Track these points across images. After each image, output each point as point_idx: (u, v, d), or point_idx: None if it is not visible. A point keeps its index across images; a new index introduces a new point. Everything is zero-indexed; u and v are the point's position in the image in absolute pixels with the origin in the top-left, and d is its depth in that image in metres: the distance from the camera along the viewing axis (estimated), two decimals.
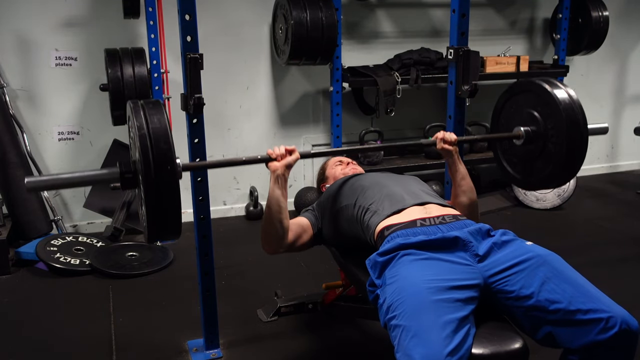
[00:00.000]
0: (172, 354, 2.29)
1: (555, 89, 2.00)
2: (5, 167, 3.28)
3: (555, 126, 1.99)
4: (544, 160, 2.07)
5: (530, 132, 2.07)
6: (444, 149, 2.06)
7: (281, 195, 1.85)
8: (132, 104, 1.61)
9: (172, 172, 1.52)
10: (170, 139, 1.54)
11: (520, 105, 2.14)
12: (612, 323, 1.39)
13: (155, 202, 1.51)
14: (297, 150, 1.89)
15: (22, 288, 2.92)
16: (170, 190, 1.53)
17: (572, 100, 1.97)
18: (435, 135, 2.09)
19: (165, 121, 1.56)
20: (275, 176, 1.86)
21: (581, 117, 1.97)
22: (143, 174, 1.50)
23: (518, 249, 1.59)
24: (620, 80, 4.95)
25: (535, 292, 1.47)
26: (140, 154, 1.49)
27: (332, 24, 3.45)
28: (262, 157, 1.89)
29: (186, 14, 1.92)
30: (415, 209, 1.78)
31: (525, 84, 2.16)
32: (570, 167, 2.04)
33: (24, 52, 3.41)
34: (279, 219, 1.87)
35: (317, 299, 2.47)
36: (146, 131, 1.51)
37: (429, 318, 1.36)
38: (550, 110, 1.99)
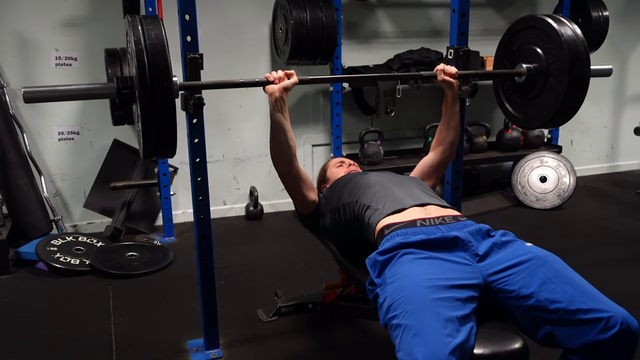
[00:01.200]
0: (172, 354, 2.29)
1: (559, 23, 1.97)
2: (5, 167, 3.28)
3: (557, 61, 1.96)
4: (544, 97, 2.04)
5: (532, 69, 2.06)
6: (444, 81, 2.10)
7: (282, 117, 1.89)
8: (130, 17, 1.60)
9: (168, 88, 1.52)
10: (168, 55, 1.53)
11: (523, 43, 2.12)
12: (612, 323, 1.39)
13: (152, 117, 1.51)
14: (295, 75, 1.91)
15: (22, 288, 2.92)
16: (166, 106, 1.52)
17: (576, 35, 1.94)
18: (436, 68, 2.11)
19: (163, 36, 1.55)
20: (274, 99, 1.89)
21: (584, 53, 1.94)
22: (140, 88, 1.49)
23: (518, 250, 1.59)
24: (620, 80, 4.95)
25: (535, 292, 1.47)
26: (137, 69, 1.48)
27: (332, 24, 3.46)
28: (260, 80, 1.92)
29: (186, 14, 1.92)
30: (415, 209, 1.78)
31: (528, 19, 2.14)
32: (570, 104, 2.01)
33: (24, 52, 3.41)
34: (285, 140, 1.91)
35: (317, 299, 2.47)
36: (143, 46, 1.50)
37: (430, 317, 1.36)
38: (553, 45, 1.96)
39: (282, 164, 1.96)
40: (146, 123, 1.52)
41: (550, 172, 4.10)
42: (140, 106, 1.50)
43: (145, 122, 1.52)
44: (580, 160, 4.91)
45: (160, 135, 1.57)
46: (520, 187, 4.12)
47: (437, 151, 2.20)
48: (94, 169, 3.61)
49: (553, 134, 4.53)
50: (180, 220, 3.82)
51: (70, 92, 1.72)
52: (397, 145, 4.26)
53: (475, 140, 4.13)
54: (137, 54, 1.50)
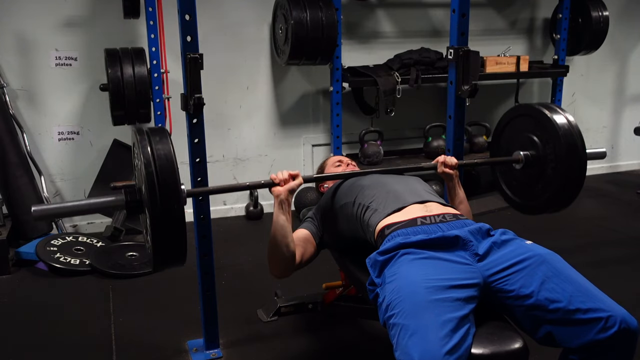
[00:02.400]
0: (172, 354, 2.29)
1: (554, 114, 2.01)
2: (5, 167, 3.28)
3: (554, 151, 2.00)
4: (543, 184, 2.08)
5: (530, 157, 2.09)
6: (444, 173, 2.08)
7: (286, 220, 1.84)
8: (137, 132, 1.61)
9: (178, 206, 1.53)
10: (176, 168, 1.54)
11: (520, 130, 2.15)
12: (611, 322, 1.39)
13: (161, 233, 1.52)
14: (300, 175, 1.88)
15: (22, 288, 2.92)
16: (175, 221, 1.53)
17: (571, 125, 1.99)
18: (436, 159, 2.10)
19: (172, 154, 1.55)
20: (279, 201, 1.84)
21: (580, 143, 1.99)
22: (149, 206, 1.50)
23: (518, 248, 1.59)
24: (620, 80, 4.95)
25: (535, 291, 1.47)
26: (147, 188, 1.50)
27: (332, 24, 3.45)
28: (265, 182, 1.88)
29: (186, 14, 1.92)
30: (415, 207, 1.78)
31: (524, 108, 2.19)
32: (569, 191, 2.05)
33: (24, 52, 3.41)
34: (285, 244, 1.85)
35: (317, 299, 2.48)
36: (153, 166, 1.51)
37: (427, 317, 1.36)
38: (550, 135, 2.01)
39: (282, 267, 1.92)
40: (155, 237, 1.53)
41: None
42: (150, 221, 1.52)
43: (155, 236, 1.53)
44: None
45: (170, 248, 1.58)
46: None
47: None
48: (94, 169, 3.61)
49: None
50: None
51: (80, 208, 1.72)
52: (397, 145, 4.26)
53: (475, 140, 4.13)
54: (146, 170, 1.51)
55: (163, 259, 1.62)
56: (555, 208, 2.13)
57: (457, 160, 2.08)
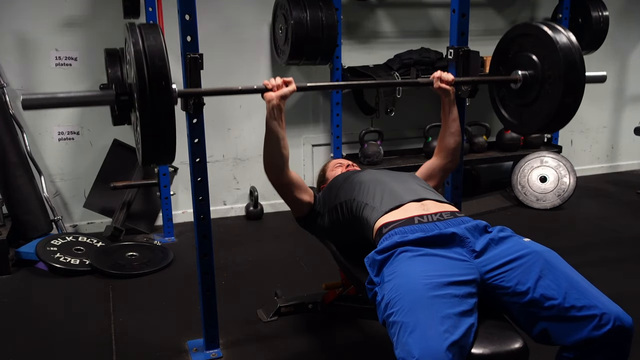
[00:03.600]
0: (172, 354, 2.29)
1: (554, 31, 1.98)
2: (5, 167, 3.28)
3: (552, 67, 1.97)
4: (540, 103, 2.05)
5: (528, 76, 2.07)
6: (441, 88, 2.10)
7: (277, 125, 1.89)
8: (129, 25, 1.60)
9: (167, 93, 1.51)
10: (167, 62, 1.53)
11: (519, 50, 2.13)
12: (605, 320, 1.39)
13: (151, 123, 1.51)
14: (294, 83, 1.91)
15: (22, 288, 2.92)
16: (165, 111, 1.52)
17: (571, 43, 1.96)
18: (432, 75, 2.11)
19: (162, 42, 1.55)
20: (271, 106, 1.89)
21: (579, 60, 1.95)
22: (139, 95, 1.48)
23: (515, 245, 1.59)
24: (620, 80, 4.95)
25: (531, 288, 1.48)
26: (136, 76, 1.48)
27: (332, 24, 3.46)
28: (258, 87, 1.92)
29: (186, 14, 1.92)
30: (412, 205, 1.78)
31: (524, 26, 2.15)
32: (565, 111, 2.02)
33: (24, 52, 3.41)
34: (278, 148, 1.90)
35: (317, 299, 2.48)
36: (142, 49, 1.50)
37: (427, 313, 1.36)
38: (549, 53, 1.97)
39: (274, 171, 1.96)
40: (145, 130, 1.51)
41: (550, 172, 4.10)
42: (139, 113, 1.50)
43: (144, 129, 1.51)
44: (580, 160, 4.92)
45: (159, 142, 1.57)
46: (520, 187, 4.12)
47: (440, 157, 2.19)
48: (94, 169, 3.61)
49: (553, 134, 4.53)
50: (180, 220, 3.82)
51: (69, 100, 1.71)
52: (397, 145, 4.26)
53: (475, 140, 4.13)
54: (136, 61, 1.49)
55: (152, 155, 1.61)
56: (551, 127, 2.12)
57: (453, 77, 2.10)
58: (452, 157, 2.18)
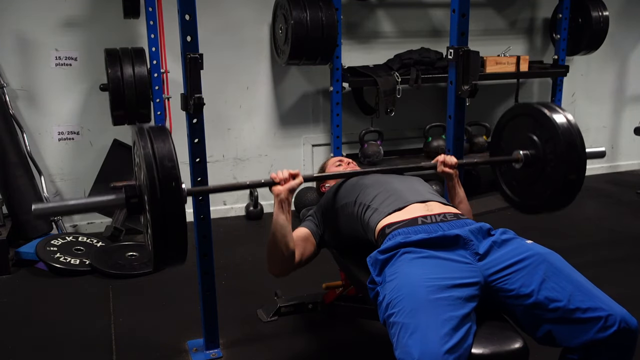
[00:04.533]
0: (172, 354, 2.29)
1: (553, 113, 2.01)
2: (5, 167, 3.28)
3: (554, 150, 2.00)
4: (542, 183, 2.08)
5: (529, 156, 2.08)
6: (444, 172, 2.08)
7: (285, 219, 1.84)
8: (138, 129, 1.60)
9: (178, 198, 1.52)
10: (177, 167, 1.53)
11: (520, 129, 2.15)
12: (611, 322, 1.39)
13: (161, 232, 1.51)
14: (301, 174, 1.87)
15: (22, 288, 2.92)
16: (176, 220, 1.52)
17: (571, 124, 1.99)
18: (435, 159, 2.10)
19: (173, 153, 1.55)
20: (279, 200, 1.84)
21: (579, 142, 1.98)
22: (150, 205, 1.49)
23: (518, 248, 1.59)
24: (620, 80, 4.95)
25: (535, 291, 1.47)
26: (148, 187, 1.48)
27: (332, 23, 3.46)
28: (266, 181, 1.87)
29: (186, 14, 1.92)
30: (416, 206, 1.78)
31: (524, 107, 2.18)
32: (569, 190, 2.04)
33: (24, 52, 3.41)
34: (285, 243, 1.85)
35: (317, 299, 2.48)
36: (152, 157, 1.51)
37: (428, 315, 1.36)
38: (549, 134, 2.01)
39: (282, 267, 1.92)
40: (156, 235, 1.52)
41: None
42: (150, 215, 1.51)
43: (155, 234, 1.52)
44: None
45: (170, 248, 1.57)
46: None
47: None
48: (94, 169, 3.61)
49: None
50: None
51: (80, 207, 1.72)
52: (397, 145, 4.26)
53: (475, 140, 4.13)
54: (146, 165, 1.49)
55: (163, 258, 1.62)
56: (555, 207, 2.13)
57: (456, 160, 2.08)
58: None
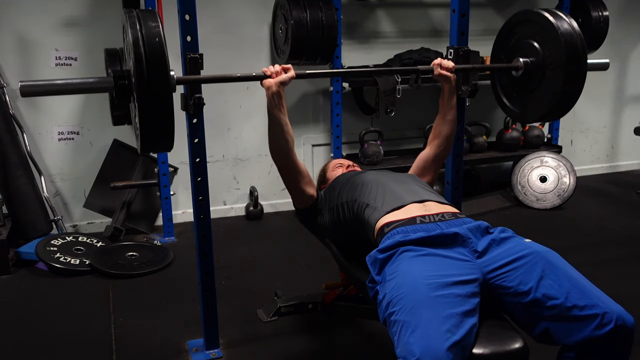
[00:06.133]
0: (172, 354, 2.29)
1: (557, 18, 1.97)
2: (5, 167, 3.28)
3: (553, 54, 1.96)
4: (541, 91, 2.04)
5: (529, 63, 2.06)
6: (441, 75, 2.10)
7: (279, 112, 1.89)
8: (127, 11, 1.59)
9: (165, 79, 1.51)
10: (165, 47, 1.52)
11: (520, 37, 2.12)
12: (607, 319, 1.39)
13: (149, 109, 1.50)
14: (293, 69, 1.91)
15: (22, 288, 2.92)
16: (163, 99, 1.51)
17: (573, 28, 1.95)
18: (432, 62, 2.11)
19: (160, 28, 1.54)
20: (270, 93, 1.89)
21: (581, 46, 1.94)
22: (136, 80, 1.47)
23: (516, 246, 1.60)
24: (620, 80, 4.95)
25: (533, 288, 1.48)
26: (134, 60, 1.47)
27: (332, 23, 3.46)
28: (257, 75, 1.92)
29: (186, 14, 1.92)
30: (414, 206, 1.78)
31: (525, 13, 2.14)
32: (567, 98, 2.01)
33: (24, 52, 3.41)
34: (282, 135, 1.90)
35: (317, 299, 2.47)
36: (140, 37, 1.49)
37: (429, 313, 1.36)
38: (550, 38, 1.96)
39: (280, 156, 1.97)
40: (143, 115, 1.51)
41: (550, 172, 4.10)
42: (137, 98, 1.49)
43: (142, 114, 1.50)
44: (580, 160, 4.92)
45: (157, 128, 1.56)
46: (520, 187, 4.12)
47: (433, 145, 2.20)
48: (94, 169, 3.61)
49: (553, 134, 4.53)
50: (180, 220, 3.82)
51: (68, 86, 1.71)
52: (397, 145, 4.26)
53: (475, 140, 4.13)
54: (133, 45, 1.48)
55: (150, 143, 1.61)
56: (552, 116, 2.11)
57: (453, 64, 2.10)
58: (445, 145, 2.18)
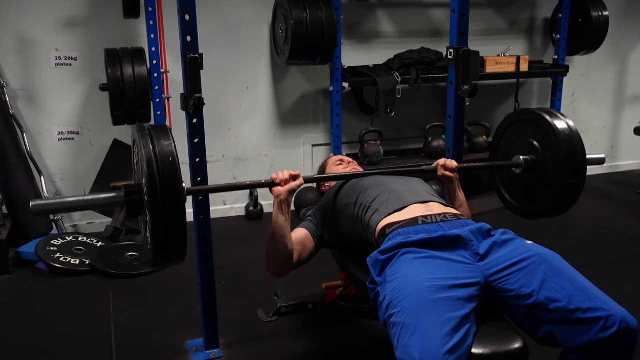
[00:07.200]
0: (172, 354, 2.29)
1: (554, 119, 2.01)
2: (5, 167, 3.28)
3: (554, 156, 2.00)
4: (542, 189, 2.08)
5: (530, 161, 2.09)
6: (444, 176, 2.08)
7: (285, 220, 1.84)
8: (139, 128, 1.60)
9: (178, 197, 1.52)
10: (178, 165, 1.53)
11: (520, 135, 2.16)
12: (611, 322, 1.39)
13: (161, 231, 1.51)
14: (301, 176, 1.88)
15: (22, 288, 2.92)
16: (176, 220, 1.52)
17: (572, 131, 2.00)
18: (436, 162, 2.10)
19: (173, 147, 1.55)
20: (279, 201, 1.85)
21: (580, 148, 1.99)
22: (150, 204, 1.48)
23: (518, 248, 1.59)
24: (620, 80, 4.95)
25: (535, 291, 1.48)
26: (148, 186, 1.48)
27: (332, 23, 3.45)
28: (266, 182, 1.88)
29: (186, 14, 1.92)
30: (417, 206, 1.78)
31: (525, 113, 2.19)
32: (569, 197, 2.05)
33: (24, 52, 3.41)
34: (284, 244, 1.86)
35: (317, 299, 2.48)
36: (153, 156, 1.50)
37: (428, 316, 1.36)
38: (550, 140, 2.01)
39: (281, 267, 1.92)
40: (156, 230, 1.51)
41: None
42: (150, 213, 1.50)
43: (155, 229, 1.51)
44: None
45: (170, 246, 1.57)
46: None
47: None
48: (94, 169, 3.61)
49: None
50: None
51: (79, 204, 1.71)
52: (397, 145, 4.26)
53: (475, 140, 4.13)
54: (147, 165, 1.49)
55: (162, 257, 1.62)
56: (554, 213, 2.13)
57: (457, 164, 2.08)
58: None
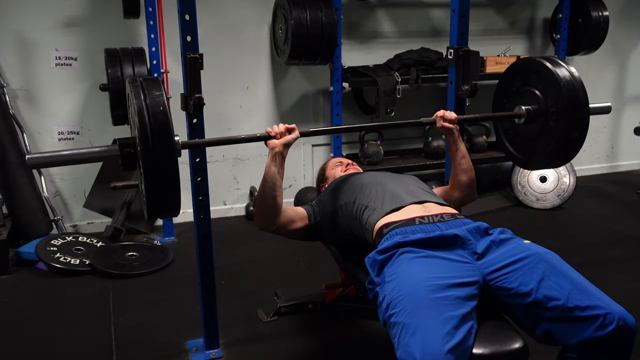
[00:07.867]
0: (172, 354, 2.29)
1: (557, 67, 1.98)
2: (5, 167, 3.28)
3: (556, 104, 1.97)
4: (545, 139, 2.05)
5: (532, 111, 2.06)
6: (444, 127, 2.07)
7: (277, 172, 1.87)
8: (131, 82, 1.61)
9: (170, 147, 1.52)
10: (169, 114, 1.54)
11: (522, 84, 2.13)
12: (609, 320, 1.39)
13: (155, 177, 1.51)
14: (297, 129, 1.89)
15: (22, 288, 2.92)
16: (169, 165, 1.52)
17: (574, 78, 1.96)
18: (435, 114, 2.09)
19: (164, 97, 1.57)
20: (273, 154, 1.87)
21: (582, 95, 1.96)
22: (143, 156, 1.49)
23: (516, 247, 1.60)
24: (620, 80, 4.95)
25: (533, 289, 1.48)
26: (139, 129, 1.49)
27: (332, 23, 3.45)
28: (261, 135, 1.90)
29: (186, 14, 1.92)
30: (414, 207, 1.78)
31: (526, 62, 2.15)
32: (571, 146, 2.02)
33: (24, 52, 3.41)
34: (273, 196, 1.88)
35: (317, 299, 2.47)
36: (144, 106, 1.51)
37: (428, 315, 1.36)
38: (552, 88, 1.97)
39: (266, 220, 1.92)
40: (149, 181, 1.52)
41: (550, 172, 4.10)
42: (143, 165, 1.51)
43: (148, 181, 1.52)
44: (580, 160, 4.91)
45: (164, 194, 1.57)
46: (520, 187, 4.12)
47: (456, 190, 2.11)
48: (94, 169, 3.61)
49: None
50: (180, 220, 3.81)
51: (74, 157, 1.70)
52: (397, 145, 4.26)
53: (475, 140, 4.13)
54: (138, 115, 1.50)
55: (157, 209, 1.62)
56: (557, 162, 2.11)
57: (456, 115, 2.08)
58: (468, 192, 2.10)
